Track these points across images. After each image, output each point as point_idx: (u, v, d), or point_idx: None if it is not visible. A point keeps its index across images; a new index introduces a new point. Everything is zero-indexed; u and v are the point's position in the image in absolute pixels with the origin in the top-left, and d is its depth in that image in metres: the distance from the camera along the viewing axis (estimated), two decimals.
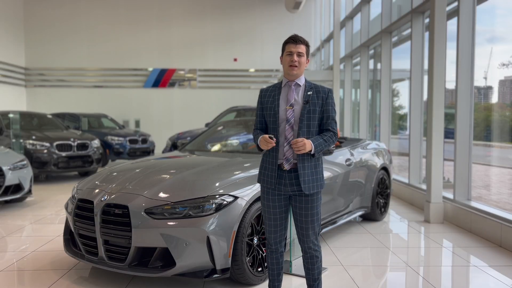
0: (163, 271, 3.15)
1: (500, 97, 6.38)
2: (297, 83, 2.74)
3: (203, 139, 5.42)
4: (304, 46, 2.71)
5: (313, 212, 2.73)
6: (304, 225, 2.74)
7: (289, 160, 2.69)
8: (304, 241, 2.78)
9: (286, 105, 2.71)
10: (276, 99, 2.73)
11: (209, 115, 15.66)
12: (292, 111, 2.69)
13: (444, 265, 4.21)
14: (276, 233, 2.81)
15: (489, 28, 6.47)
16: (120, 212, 3.28)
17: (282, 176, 2.71)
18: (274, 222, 2.79)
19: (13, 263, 4.06)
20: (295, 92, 2.73)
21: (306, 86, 2.74)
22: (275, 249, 2.86)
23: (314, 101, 2.69)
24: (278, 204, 2.76)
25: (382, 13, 8.96)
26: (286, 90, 2.75)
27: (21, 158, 6.79)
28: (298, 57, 2.69)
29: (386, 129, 8.84)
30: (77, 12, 17.52)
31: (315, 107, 2.69)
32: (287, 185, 2.71)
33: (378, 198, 5.64)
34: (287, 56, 2.71)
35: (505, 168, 7.12)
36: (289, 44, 2.72)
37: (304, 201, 2.72)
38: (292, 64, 2.68)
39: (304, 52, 2.71)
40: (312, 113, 2.69)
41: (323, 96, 2.72)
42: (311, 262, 2.81)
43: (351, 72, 12.05)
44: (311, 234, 2.75)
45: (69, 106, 16.67)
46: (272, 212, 2.78)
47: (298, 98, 2.71)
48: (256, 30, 17.86)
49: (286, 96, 2.73)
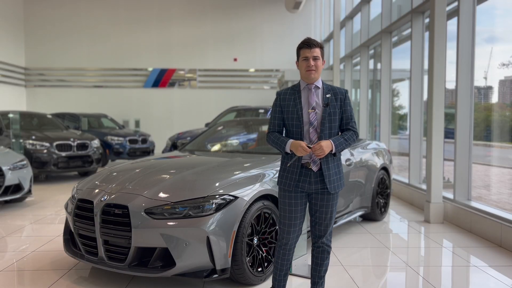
0: (163, 271, 3.15)
1: (500, 97, 6.37)
2: (316, 85, 2.79)
3: (203, 139, 5.42)
4: (318, 49, 2.75)
5: (333, 209, 2.85)
6: (324, 221, 2.84)
7: (316, 162, 2.75)
8: (321, 236, 2.87)
9: (308, 108, 2.76)
10: (297, 103, 2.77)
11: (209, 115, 15.66)
12: (314, 113, 2.75)
13: (444, 265, 4.21)
14: (294, 233, 2.85)
15: (489, 28, 6.47)
16: (120, 212, 3.28)
17: (307, 174, 2.77)
18: (294, 222, 2.83)
19: (13, 263, 4.06)
20: (315, 94, 2.77)
21: (324, 88, 2.80)
22: (289, 249, 2.89)
23: (333, 103, 2.76)
24: (299, 202, 2.82)
25: (382, 13, 8.95)
26: (306, 93, 2.79)
27: (21, 158, 6.79)
28: (314, 61, 2.73)
29: (386, 129, 8.84)
30: (77, 12, 17.51)
31: (335, 109, 2.76)
32: (311, 183, 2.77)
33: (378, 198, 5.64)
34: (303, 62, 2.75)
35: (505, 168, 7.12)
36: (303, 49, 2.76)
37: (326, 199, 2.81)
38: (310, 69, 2.73)
39: (319, 55, 2.75)
40: (333, 115, 2.76)
41: (341, 97, 2.79)
42: (322, 257, 2.89)
43: (351, 72, 12.05)
44: (329, 229, 2.87)
45: (69, 106, 16.67)
46: (293, 211, 2.81)
47: (318, 100, 2.77)
48: (256, 30, 17.85)
49: (307, 99, 2.78)
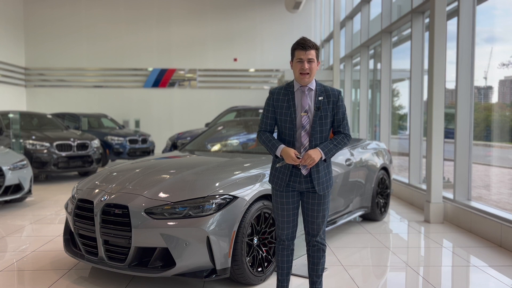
0: (163, 271, 3.15)
1: (500, 97, 6.37)
2: (310, 87, 2.76)
3: (203, 139, 5.42)
4: (314, 51, 2.70)
5: (324, 207, 2.85)
6: (316, 220, 2.84)
7: (305, 166, 2.75)
8: (314, 235, 2.87)
9: (301, 111, 2.73)
10: (291, 105, 2.74)
11: (209, 115, 15.66)
12: (307, 117, 2.72)
13: (444, 265, 4.21)
14: (288, 229, 2.87)
15: (489, 28, 6.47)
16: (120, 212, 3.28)
17: (297, 174, 2.78)
18: (287, 219, 2.85)
19: (13, 263, 4.06)
20: (308, 97, 2.74)
21: (317, 90, 2.75)
22: (287, 245, 2.90)
23: (325, 106, 2.73)
24: (291, 200, 2.83)
25: (382, 13, 8.95)
26: (299, 95, 2.76)
27: (21, 158, 6.79)
28: (308, 64, 2.68)
29: (386, 129, 8.84)
30: (77, 12, 17.51)
31: (326, 113, 2.74)
32: (301, 183, 2.78)
33: (378, 198, 5.64)
34: (298, 63, 2.70)
35: (505, 168, 7.12)
36: (298, 50, 2.70)
37: (317, 198, 2.82)
38: (303, 72, 2.68)
39: (314, 57, 2.70)
40: (324, 118, 2.73)
41: (334, 99, 2.75)
42: (317, 256, 2.89)
43: (351, 72, 12.05)
44: (322, 228, 2.87)
45: (69, 106, 16.67)
46: (285, 209, 2.83)
47: (311, 103, 2.74)
48: (256, 30, 17.85)
49: (300, 101, 2.74)
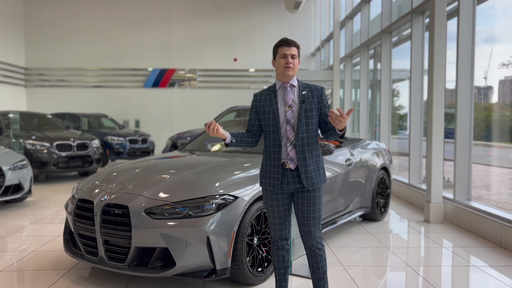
0: (163, 271, 3.15)
1: (500, 97, 6.37)
2: (292, 84, 2.82)
3: (203, 139, 5.42)
4: (296, 48, 2.80)
5: (315, 208, 2.80)
6: (306, 221, 2.80)
7: (293, 160, 2.76)
8: (308, 238, 2.83)
9: (284, 106, 2.78)
10: (273, 102, 2.81)
11: (209, 115, 15.67)
12: (291, 111, 2.77)
13: (444, 265, 4.21)
14: (281, 230, 2.88)
15: (489, 28, 6.47)
16: (120, 212, 3.28)
17: (285, 174, 2.78)
18: (278, 220, 2.86)
19: (13, 263, 4.06)
20: (291, 93, 2.80)
21: (300, 86, 2.83)
22: (281, 245, 2.90)
23: (310, 100, 2.78)
24: (281, 203, 2.83)
25: (382, 13, 8.95)
26: (282, 92, 2.82)
27: (21, 158, 6.79)
28: (292, 59, 2.77)
29: (386, 129, 8.84)
30: (77, 12, 17.51)
31: (311, 106, 2.77)
32: (290, 184, 2.78)
33: (378, 198, 5.64)
34: (282, 59, 2.78)
35: (505, 168, 7.12)
36: (282, 47, 2.79)
37: (306, 197, 2.79)
38: (288, 65, 2.75)
39: (296, 54, 2.80)
40: (309, 111, 2.77)
41: (317, 94, 2.81)
42: (316, 261, 2.86)
43: (351, 72, 12.05)
44: (315, 231, 2.81)
45: (69, 106, 16.67)
46: (276, 211, 2.84)
47: (295, 98, 2.79)
48: (256, 30, 17.85)
49: (283, 98, 2.81)
